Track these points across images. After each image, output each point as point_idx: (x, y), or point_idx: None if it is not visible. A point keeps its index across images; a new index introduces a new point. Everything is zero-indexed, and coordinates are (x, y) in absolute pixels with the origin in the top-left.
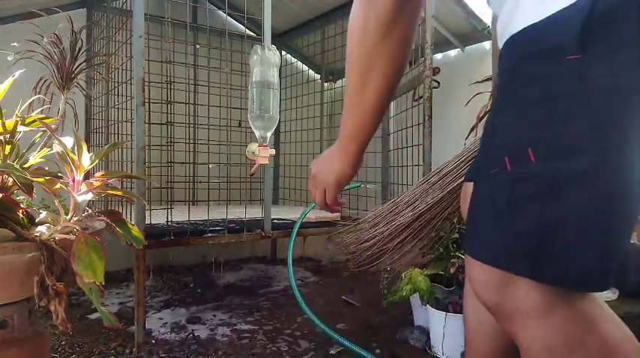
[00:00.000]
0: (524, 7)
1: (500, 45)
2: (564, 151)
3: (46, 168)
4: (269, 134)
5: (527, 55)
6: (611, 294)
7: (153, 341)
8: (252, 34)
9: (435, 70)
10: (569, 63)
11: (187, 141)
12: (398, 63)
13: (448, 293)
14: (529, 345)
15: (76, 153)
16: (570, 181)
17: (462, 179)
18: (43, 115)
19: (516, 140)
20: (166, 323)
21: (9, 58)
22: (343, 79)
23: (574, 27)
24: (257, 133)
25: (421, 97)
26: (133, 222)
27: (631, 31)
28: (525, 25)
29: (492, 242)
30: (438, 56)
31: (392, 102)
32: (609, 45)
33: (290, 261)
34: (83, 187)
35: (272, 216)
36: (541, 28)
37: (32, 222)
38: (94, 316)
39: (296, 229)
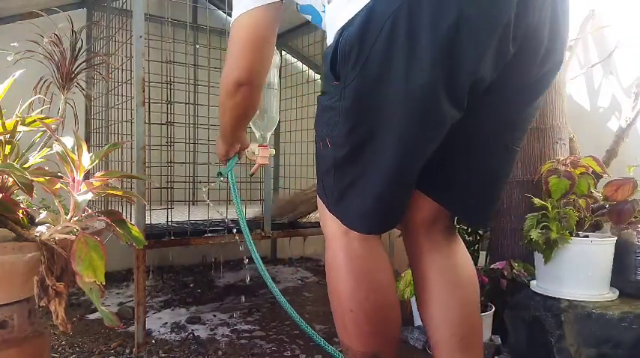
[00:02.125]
0: (328, 35)
1: None
2: (338, 144)
3: (46, 168)
4: (269, 134)
5: (325, 72)
6: (611, 294)
7: (153, 341)
8: None
9: None
10: (335, 86)
11: (187, 141)
12: (239, 112)
13: None
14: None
15: (76, 153)
16: (341, 161)
17: None
18: (43, 115)
19: (321, 131)
20: (166, 323)
21: (9, 58)
22: None
23: (329, 60)
24: (257, 133)
25: None
26: (133, 222)
27: (352, 65)
28: (328, 45)
29: (319, 191)
30: None
31: None
32: (347, 73)
33: (258, 260)
34: (83, 187)
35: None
36: (327, 54)
37: (32, 222)
38: (93, 316)
39: (244, 226)
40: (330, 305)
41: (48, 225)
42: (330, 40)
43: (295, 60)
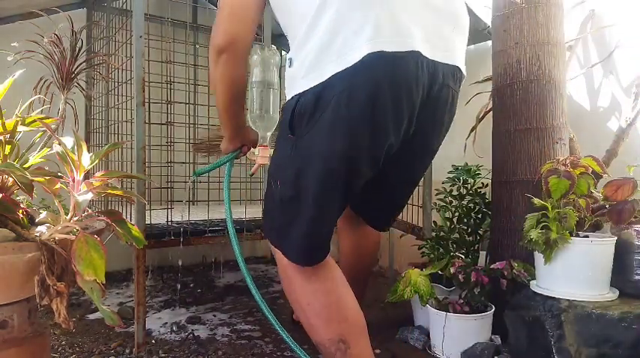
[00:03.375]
0: (287, 89)
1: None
2: (285, 185)
3: (46, 168)
4: (269, 134)
5: (282, 123)
6: (611, 294)
7: (153, 341)
8: None
9: None
10: (290, 139)
11: (187, 141)
12: (225, 86)
13: (448, 293)
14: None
15: (76, 153)
16: (286, 200)
17: None
18: (43, 115)
19: (274, 172)
20: (166, 323)
21: (9, 58)
22: None
23: (288, 118)
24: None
25: None
26: (133, 222)
27: (305, 126)
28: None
29: (266, 226)
30: None
31: None
32: (300, 131)
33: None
34: (83, 187)
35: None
36: (286, 110)
37: (32, 222)
38: (93, 316)
39: (230, 227)
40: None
41: (48, 225)
42: (288, 95)
43: None
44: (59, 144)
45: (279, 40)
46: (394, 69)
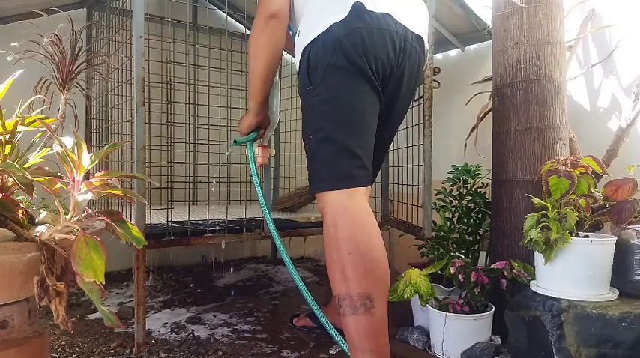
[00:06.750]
0: (296, 54)
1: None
2: (317, 130)
3: (46, 168)
4: (269, 134)
5: (301, 86)
6: (611, 294)
7: (153, 341)
8: None
9: (435, 70)
10: (310, 90)
11: (187, 141)
12: (269, 51)
13: (448, 293)
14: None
15: (76, 153)
16: (320, 143)
17: None
18: (43, 115)
19: (307, 127)
20: (166, 323)
21: (9, 58)
22: None
23: (304, 72)
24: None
25: (421, 97)
26: (133, 222)
27: (319, 74)
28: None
29: (313, 182)
30: (438, 56)
31: None
32: (316, 80)
33: (287, 259)
34: (83, 187)
35: (272, 216)
36: (302, 70)
37: (32, 222)
38: (93, 316)
39: (271, 224)
40: (329, 266)
41: (48, 225)
42: (297, 60)
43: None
44: (59, 144)
45: None
46: (379, 18)
